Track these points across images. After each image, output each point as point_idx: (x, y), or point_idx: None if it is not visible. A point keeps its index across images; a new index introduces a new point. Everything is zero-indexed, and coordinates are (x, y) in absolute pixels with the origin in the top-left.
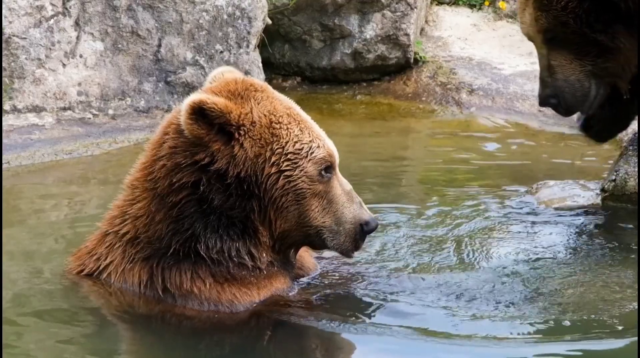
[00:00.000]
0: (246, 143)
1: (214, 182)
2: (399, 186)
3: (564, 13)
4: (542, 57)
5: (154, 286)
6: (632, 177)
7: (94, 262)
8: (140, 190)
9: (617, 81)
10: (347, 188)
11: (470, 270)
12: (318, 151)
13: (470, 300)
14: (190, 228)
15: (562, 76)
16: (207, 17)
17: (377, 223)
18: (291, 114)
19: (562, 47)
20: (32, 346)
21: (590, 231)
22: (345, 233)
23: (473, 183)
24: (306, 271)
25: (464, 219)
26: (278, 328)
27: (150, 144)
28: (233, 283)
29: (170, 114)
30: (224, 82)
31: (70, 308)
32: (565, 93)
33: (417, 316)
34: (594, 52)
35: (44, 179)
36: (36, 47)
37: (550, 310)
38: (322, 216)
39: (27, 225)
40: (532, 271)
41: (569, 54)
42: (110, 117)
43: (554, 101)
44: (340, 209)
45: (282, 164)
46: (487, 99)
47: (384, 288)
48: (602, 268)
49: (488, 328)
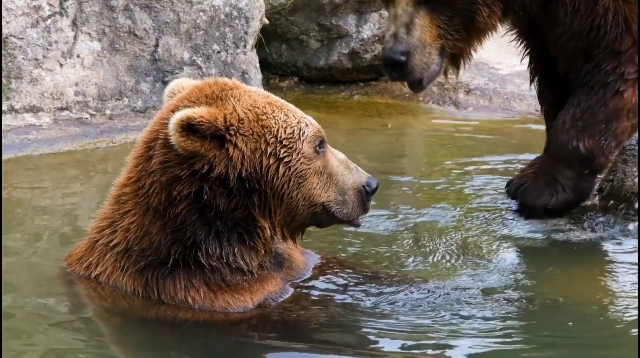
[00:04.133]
0: (239, 142)
1: (216, 188)
2: (397, 186)
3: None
4: (405, 12)
5: (148, 296)
6: (630, 177)
7: (85, 270)
8: (130, 204)
9: (454, 64)
10: (340, 157)
11: (469, 271)
12: (308, 130)
13: (467, 302)
14: (192, 236)
15: (419, 35)
16: (205, 17)
17: (377, 181)
18: (271, 102)
19: (432, 10)
20: (25, 348)
21: (588, 231)
22: (352, 201)
23: (470, 183)
24: (297, 271)
25: (462, 220)
26: (271, 330)
27: (135, 159)
28: (226, 291)
29: (149, 128)
30: (197, 89)
31: (64, 309)
32: (416, 53)
33: (416, 315)
34: (458, 26)
35: (43, 179)
36: (33, 47)
37: (549, 311)
38: (325, 191)
39: (26, 223)
40: (530, 272)
41: (435, 19)
42: (107, 118)
43: (402, 58)
44: (341, 179)
45: (280, 153)
46: (485, 99)
47: (375, 288)
48: (602, 268)
49: (485, 333)
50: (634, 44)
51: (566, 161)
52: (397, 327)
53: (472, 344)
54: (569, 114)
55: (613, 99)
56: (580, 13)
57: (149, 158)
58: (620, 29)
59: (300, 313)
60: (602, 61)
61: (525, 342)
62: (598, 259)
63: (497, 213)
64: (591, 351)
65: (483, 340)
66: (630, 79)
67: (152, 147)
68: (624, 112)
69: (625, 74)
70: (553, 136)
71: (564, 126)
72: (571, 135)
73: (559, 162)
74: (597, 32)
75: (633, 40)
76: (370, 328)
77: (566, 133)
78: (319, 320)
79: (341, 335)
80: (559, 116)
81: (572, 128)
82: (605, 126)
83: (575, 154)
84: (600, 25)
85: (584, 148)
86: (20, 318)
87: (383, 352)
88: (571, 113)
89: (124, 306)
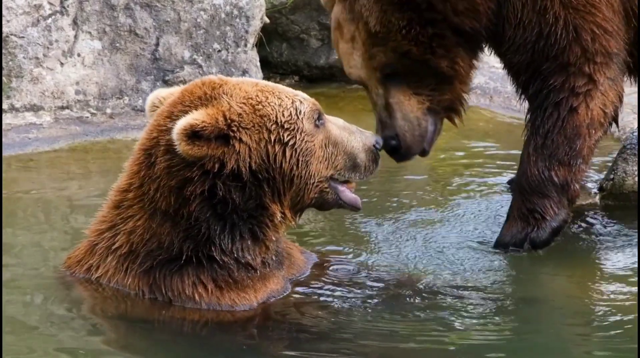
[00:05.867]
0: (243, 136)
1: (229, 183)
2: (397, 182)
3: (406, 42)
4: (379, 96)
5: (154, 294)
6: (630, 176)
7: (85, 272)
8: (134, 209)
9: (452, 115)
10: (340, 123)
11: (469, 270)
12: (304, 106)
13: (464, 304)
14: (207, 232)
15: (401, 114)
16: (205, 16)
17: (381, 138)
18: (262, 89)
19: (400, 83)
20: (26, 349)
21: (588, 230)
22: (363, 163)
23: (471, 181)
24: (297, 270)
25: (462, 218)
26: (275, 330)
27: (135, 166)
28: (232, 288)
29: (146, 136)
30: (187, 92)
31: (65, 311)
32: (405, 132)
33: (417, 314)
34: (432, 84)
35: (43, 178)
36: (34, 46)
37: (549, 311)
38: (333, 162)
39: (26, 222)
40: (529, 272)
41: (407, 89)
42: (108, 116)
43: (394, 143)
44: (348, 145)
45: (284, 137)
46: (485, 98)
47: (375, 286)
48: (602, 268)
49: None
50: (582, 54)
51: (542, 192)
52: (397, 327)
53: (472, 344)
54: (531, 145)
55: (569, 119)
56: (524, 24)
57: (150, 164)
58: (570, 37)
59: (300, 313)
60: (549, 75)
61: (525, 342)
62: (598, 259)
63: (498, 212)
64: (591, 351)
65: (483, 340)
66: (582, 93)
67: (152, 154)
68: (584, 130)
69: (575, 88)
70: (522, 171)
71: (530, 159)
72: (540, 166)
73: (534, 194)
74: (545, 42)
75: (582, 51)
76: (370, 328)
77: (535, 165)
78: (318, 320)
79: (341, 335)
80: (523, 149)
81: (539, 159)
82: (569, 148)
83: (551, 183)
84: (550, 34)
85: (557, 177)
86: (20, 319)
87: (383, 352)
88: (533, 144)
89: (126, 307)
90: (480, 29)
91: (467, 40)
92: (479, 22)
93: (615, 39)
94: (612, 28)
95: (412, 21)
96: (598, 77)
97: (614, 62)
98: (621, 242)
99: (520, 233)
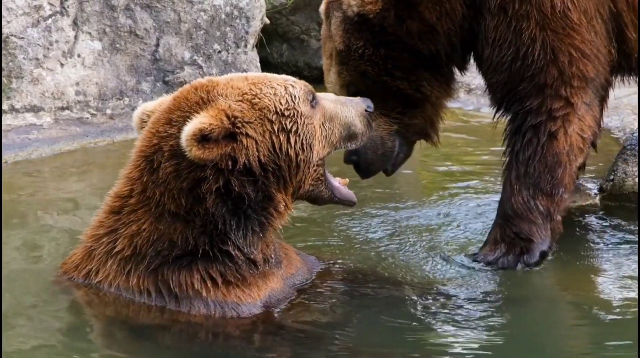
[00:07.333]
0: (249, 130)
1: (242, 177)
2: (395, 182)
3: (362, 62)
4: None
5: (160, 292)
6: (631, 176)
7: (83, 277)
8: (137, 214)
9: (425, 139)
10: (331, 97)
11: (467, 272)
12: (296, 91)
13: (463, 305)
14: (223, 227)
15: None
16: (205, 16)
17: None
18: (253, 82)
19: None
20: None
21: (588, 231)
22: (359, 129)
23: (471, 181)
24: (294, 270)
25: (462, 217)
26: (277, 337)
27: (135, 172)
28: (237, 285)
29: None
30: (183, 99)
31: (65, 316)
32: (367, 150)
33: (419, 313)
34: (400, 107)
35: (43, 178)
36: (34, 47)
37: (548, 311)
38: (333, 137)
39: (26, 223)
40: (528, 272)
41: (375, 109)
42: (108, 117)
43: (354, 158)
44: (342, 117)
45: (287, 125)
46: (485, 99)
47: (370, 286)
48: (601, 269)
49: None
50: (559, 76)
51: (527, 218)
52: (397, 327)
53: (472, 344)
54: (512, 173)
55: (549, 147)
56: (500, 44)
57: (153, 170)
58: (547, 58)
59: (301, 321)
60: (526, 96)
61: (523, 342)
62: (598, 259)
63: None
64: (591, 352)
65: (482, 340)
66: (559, 117)
67: (154, 160)
68: (564, 157)
69: (552, 111)
70: (506, 198)
71: (513, 188)
72: (524, 195)
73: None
74: (522, 62)
75: (558, 73)
76: (370, 328)
77: (519, 194)
78: (318, 320)
79: (340, 335)
80: (505, 176)
81: (522, 187)
82: (551, 177)
83: (537, 211)
84: (527, 54)
85: (541, 205)
86: (20, 322)
87: (383, 351)
88: (515, 172)
89: (128, 311)
90: (440, 51)
91: (429, 63)
92: (437, 45)
93: (594, 63)
94: (590, 51)
95: (367, 42)
96: (575, 101)
97: (590, 87)
98: (621, 243)
99: (507, 255)
